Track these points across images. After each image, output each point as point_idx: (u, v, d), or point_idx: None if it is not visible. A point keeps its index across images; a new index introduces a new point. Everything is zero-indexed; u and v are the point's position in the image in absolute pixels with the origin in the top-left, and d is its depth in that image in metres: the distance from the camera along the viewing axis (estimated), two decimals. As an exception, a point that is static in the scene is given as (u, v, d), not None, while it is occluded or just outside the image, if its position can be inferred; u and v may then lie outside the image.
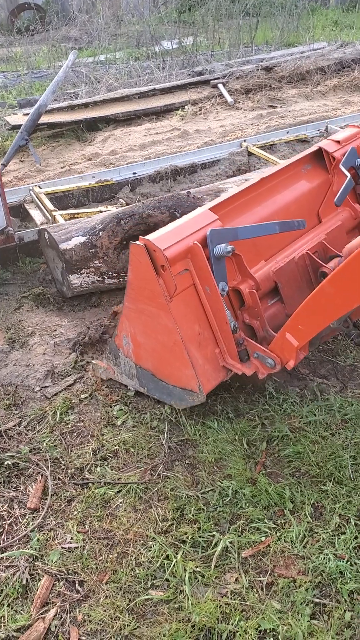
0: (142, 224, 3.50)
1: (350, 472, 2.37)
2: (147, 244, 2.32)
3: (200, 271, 2.39)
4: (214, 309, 2.46)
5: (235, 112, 6.84)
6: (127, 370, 2.78)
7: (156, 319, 2.47)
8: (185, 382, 2.52)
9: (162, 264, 2.32)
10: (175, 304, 2.39)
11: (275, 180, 2.90)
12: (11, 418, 2.73)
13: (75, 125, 6.36)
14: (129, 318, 2.62)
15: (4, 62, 9.97)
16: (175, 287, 2.35)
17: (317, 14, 12.62)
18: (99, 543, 2.16)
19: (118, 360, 2.80)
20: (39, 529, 2.22)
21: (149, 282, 2.39)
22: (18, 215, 4.45)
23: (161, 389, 2.66)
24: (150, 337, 2.57)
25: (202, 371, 2.48)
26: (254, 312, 2.56)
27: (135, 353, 2.69)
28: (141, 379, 2.74)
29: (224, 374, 2.57)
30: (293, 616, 1.90)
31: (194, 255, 2.37)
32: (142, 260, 2.36)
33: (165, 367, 2.59)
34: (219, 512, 2.25)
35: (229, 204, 2.66)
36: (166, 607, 1.95)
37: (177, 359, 2.48)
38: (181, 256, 2.36)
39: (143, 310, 2.51)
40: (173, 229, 2.41)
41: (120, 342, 2.74)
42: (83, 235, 3.42)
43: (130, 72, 8.33)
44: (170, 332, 2.44)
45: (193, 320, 2.46)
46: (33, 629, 1.88)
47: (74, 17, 11.65)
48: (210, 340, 2.52)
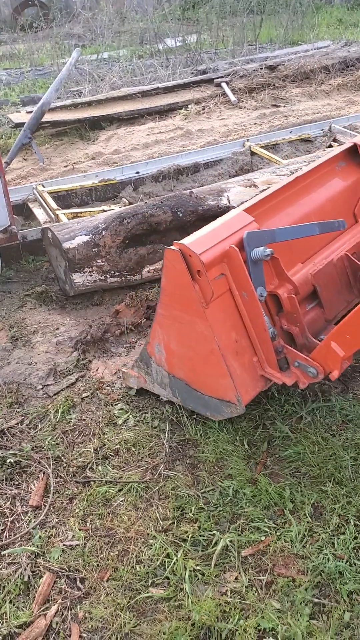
0: (145, 223, 3.51)
1: (350, 473, 2.39)
2: (182, 248, 2.22)
3: (237, 276, 2.29)
4: (252, 316, 2.34)
5: (239, 112, 6.83)
6: (159, 379, 2.68)
7: (191, 326, 2.38)
8: (223, 392, 2.41)
9: (198, 269, 2.22)
10: (212, 310, 2.29)
11: (309, 178, 2.79)
12: (13, 416, 2.75)
13: (79, 123, 6.38)
14: (162, 325, 2.52)
15: (7, 59, 9.97)
16: (212, 293, 2.24)
17: (321, 12, 12.59)
18: (100, 541, 2.18)
19: (150, 369, 2.70)
20: (41, 526, 2.24)
21: (184, 288, 2.29)
22: (21, 214, 4.46)
23: (196, 400, 2.55)
24: (184, 345, 2.47)
25: (240, 381, 2.37)
26: (293, 318, 2.43)
27: (168, 361, 2.59)
28: (174, 388, 2.63)
29: (262, 383, 2.46)
30: (292, 616, 1.92)
31: (230, 260, 2.27)
32: (177, 265, 2.26)
33: (200, 376, 2.49)
34: (219, 511, 2.27)
35: (263, 205, 2.56)
36: (166, 605, 1.96)
37: (214, 368, 2.38)
38: (217, 260, 2.25)
39: (177, 317, 2.41)
40: (208, 232, 2.31)
41: (152, 350, 2.63)
42: (86, 234, 3.43)
43: (133, 70, 8.34)
44: (206, 340, 2.34)
45: (230, 327, 2.35)
46: (34, 625, 1.90)
47: (77, 14, 11.64)
48: (247, 348, 2.41)
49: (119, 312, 3.40)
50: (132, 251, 3.49)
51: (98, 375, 2.98)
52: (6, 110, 6.94)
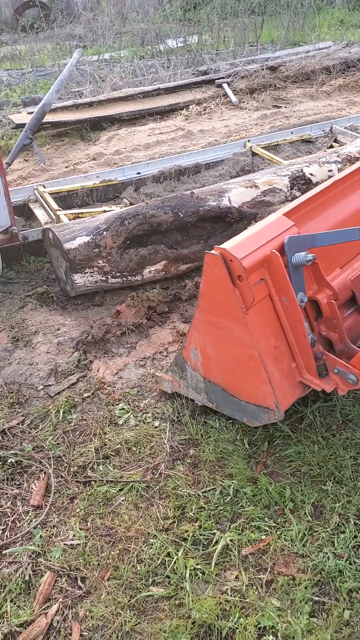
0: (146, 223, 3.52)
1: (351, 472, 2.39)
2: (223, 253, 2.20)
3: (277, 281, 2.26)
4: (292, 321, 2.32)
5: (240, 112, 6.84)
6: (194, 384, 2.67)
7: (230, 331, 2.36)
8: (261, 398, 2.40)
9: (239, 274, 2.20)
10: (251, 316, 2.27)
11: (348, 182, 2.75)
12: (14, 416, 2.76)
13: (80, 124, 6.39)
14: (199, 330, 2.51)
15: (8, 60, 9.99)
16: (253, 298, 2.22)
17: (323, 12, 12.60)
18: (101, 540, 2.19)
19: (185, 374, 2.69)
20: (42, 526, 2.25)
21: (224, 293, 2.27)
22: (22, 215, 4.47)
23: (232, 405, 2.54)
24: (222, 350, 2.45)
25: (279, 387, 2.35)
26: (333, 324, 2.40)
27: (204, 366, 2.58)
28: (210, 393, 2.63)
29: (300, 390, 2.45)
30: (292, 614, 1.93)
31: (270, 265, 2.24)
32: (217, 270, 2.24)
33: (238, 382, 2.47)
34: (219, 510, 2.27)
35: (302, 209, 2.53)
36: (167, 604, 1.97)
37: (253, 374, 2.36)
38: (258, 265, 2.23)
39: (215, 322, 2.40)
40: (248, 236, 2.28)
41: (188, 354, 2.62)
42: (87, 235, 3.44)
43: (134, 71, 8.35)
44: (245, 346, 2.32)
45: (269, 333, 2.33)
46: (35, 624, 1.91)
47: (78, 15, 11.66)
48: (286, 354, 2.39)
49: (120, 313, 3.41)
50: (133, 252, 3.50)
51: (99, 376, 2.99)
52: (7, 111, 6.95)
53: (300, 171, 4.23)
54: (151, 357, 3.12)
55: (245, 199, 3.91)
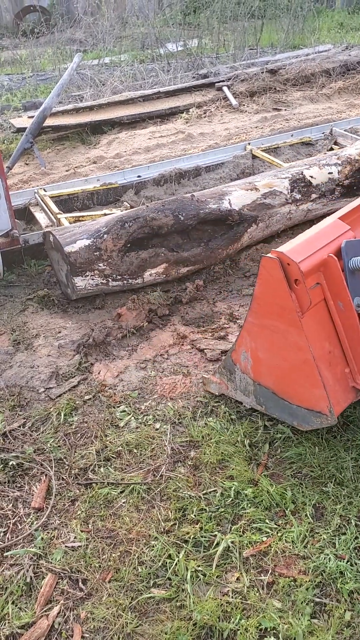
0: (146, 226, 3.53)
1: (352, 474, 2.39)
2: (280, 257, 2.20)
3: (333, 285, 2.27)
4: (347, 326, 2.33)
5: (240, 115, 6.86)
6: (243, 386, 2.68)
7: (284, 335, 2.36)
8: (314, 403, 2.39)
9: (296, 278, 2.20)
10: (307, 320, 2.28)
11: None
12: (16, 419, 2.76)
13: (80, 128, 6.41)
14: (251, 333, 2.52)
15: (9, 65, 10.03)
16: (310, 302, 2.22)
17: (322, 16, 12.65)
18: (102, 542, 2.19)
19: (233, 376, 2.71)
20: (43, 528, 2.25)
21: (280, 296, 2.28)
22: (23, 218, 4.49)
23: (282, 408, 2.55)
24: (274, 353, 2.46)
25: (332, 391, 2.35)
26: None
27: (254, 370, 2.59)
28: (259, 396, 2.64)
29: (353, 395, 2.44)
30: (293, 615, 1.93)
31: (327, 269, 2.25)
32: (274, 274, 2.24)
33: (289, 385, 2.47)
34: (220, 512, 2.28)
35: (356, 212, 2.53)
36: (168, 606, 1.97)
37: (306, 378, 2.37)
38: (314, 269, 2.23)
39: (268, 325, 2.41)
40: (304, 240, 2.29)
41: (237, 357, 2.63)
42: (88, 238, 3.45)
43: (135, 75, 8.38)
44: (300, 350, 2.33)
45: (324, 337, 2.34)
46: (37, 626, 1.92)
47: (79, 20, 11.71)
48: (340, 359, 2.40)
49: (120, 316, 3.41)
50: (133, 255, 3.51)
51: (100, 378, 3.00)
52: (8, 115, 6.98)
53: (300, 174, 4.24)
54: (152, 360, 3.12)
55: (246, 202, 3.92)
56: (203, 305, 3.56)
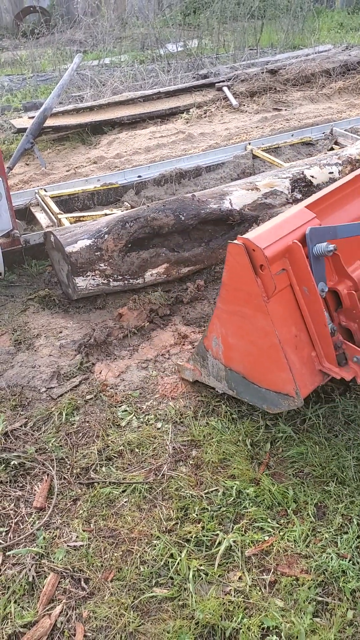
0: (147, 227, 3.53)
1: (353, 473, 2.39)
2: (246, 243, 2.26)
3: (298, 271, 2.33)
4: (312, 311, 2.39)
5: (240, 115, 6.87)
6: (215, 372, 2.73)
7: (251, 320, 2.42)
8: (281, 386, 2.45)
9: (261, 264, 2.26)
10: (273, 305, 2.33)
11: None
12: (17, 418, 2.77)
13: (81, 128, 6.42)
14: (221, 319, 2.57)
15: (9, 65, 10.04)
16: (275, 287, 2.28)
17: (322, 16, 12.65)
18: (104, 541, 2.19)
19: (206, 362, 2.75)
20: (45, 527, 2.25)
21: (246, 282, 2.34)
22: (24, 218, 4.49)
23: (253, 393, 2.60)
24: (243, 339, 2.51)
25: (299, 375, 2.41)
26: (352, 315, 2.47)
27: (225, 355, 2.64)
28: (230, 381, 2.68)
29: (320, 378, 2.51)
30: (296, 614, 1.93)
31: (292, 255, 2.31)
32: (239, 260, 2.31)
33: (258, 370, 2.53)
34: (222, 511, 2.28)
35: (323, 202, 2.59)
36: (170, 605, 1.97)
37: (273, 362, 2.42)
38: (280, 255, 2.29)
39: (237, 311, 2.46)
40: (270, 227, 2.34)
41: (209, 343, 2.69)
42: (88, 238, 3.46)
43: (135, 75, 8.39)
44: (266, 334, 2.38)
45: (290, 322, 2.40)
46: (39, 625, 1.92)
47: (79, 20, 11.72)
48: (306, 343, 2.45)
49: (122, 316, 3.41)
50: (134, 255, 3.51)
51: (101, 378, 3.00)
52: (8, 115, 6.99)
53: (301, 173, 4.24)
54: (153, 360, 3.12)
55: (247, 202, 3.92)
56: (204, 305, 3.56)
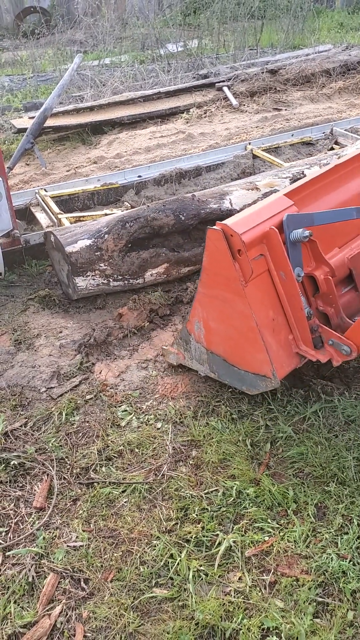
0: (147, 227, 3.53)
1: (354, 473, 2.39)
2: (224, 228, 2.34)
3: (275, 256, 2.40)
4: (289, 295, 2.47)
5: (240, 115, 6.86)
6: (197, 355, 2.81)
7: (230, 304, 2.49)
8: (259, 367, 2.53)
9: (238, 249, 2.33)
10: (250, 289, 2.40)
11: (349, 167, 2.88)
12: (17, 418, 2.76)
13: (81, 128, 6.41)
14: (202, 304, 2.64)
15: (9, 66, 10.04)
16: (252, 271, 2.35)
17: (322, 16, 12.65)
18: (104, 542, 2.19)
19: (189, 346, 2.83)
20: (45, 527, 2.25)
21: (225, 267, 2.40)
22: (24, 218, 4.48)
23: (232, 375, 2.67)
24: (223, 322, 2.58)
25: (276, 357, 2.49)
26: (329, 299, 2.55)
27: (207, 338, 2.71)
28: (212, 364, 2.76)
29: (297, 360, 2.59)
30: (296, 615, 1.92)
31: (269, 240, 2.38)
32: (218, 245, 2.38)
33: (237, 352, 2.60)
34: (222, 511, 2.27)
35: (303, 190, 2.65)
36: (170, 605, 1.97)
37: (251, 345, 2.50)
38: (257, 241, 2.36)
39: (217, 295, 2.54)
40: (249, 214, 2.42)
41: (192, 327, 2.76)
42: (89, 238, 3.45)
43: (135, 75, 8.38)
44: (244, 318, 2.46)
45: (267, 306, 2.47)
46: (39, 625, 1.91)
47: (79, 21, 11.71)
48: (284, 326, 2.53)
49: (122, 316, 3.41)
50: (134, 255, 3.51)
51: (101, 378, 3.00)
52: (9, 116, 6.99)
53: (301, 173, 4.24)
54: (153, 360, 3.12)
55: (247, 202, 3.91)
56: (204, 305, 3.56)
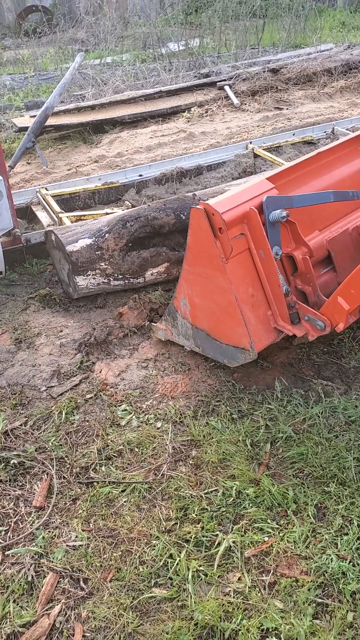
0: (148, 226, 3.52)
1: (354, 474, 2.38)
2: (206, 207, 2.47)
3: (255, 236, 2.53)
4: (268, 272, 2.59)
5: (242, 114, 6.85)
6: (184, 331, 2.95)
7: (212, 280, 2.62)
8: (238, 340, 2.66)
9: (219, 227, 2.47)
10: (231, 266, 2.53)
11: (332, 155, 3.02)
12: (17, 417, 2.76)
13: (82, 127, 6.41)
14: (187, 280, 2.78)
15: (11, 64, 10.03)
16: (232, 249, 2.48)
17: (324, 15, 12.62)
18: (103, 541, 2.18)
19: (176, 322, 2.97)
20: (44, 527, 2.25)
21: (207, 244, 2.54)
22: (25, 217, 4.48)
23: (215, 348, 2.81)
24: (206, 298, 2.71)
25: (254, 330, 2.62)
26: (307, 278, 2.67)
27: (192, 314, 2.85)
28: (197, 339, 2.90)
29: (275, 335, 2.71)
30: (295, 615, 1.92)
31: (249, 220, 2.51)
32: (201, 223, 2.52)
33: (219, 326, 2.74)
34: (222, 512, 2.27)
35: (285, 176, 2.79)
36: (169, 605, 1.97)
37: (231, 319, 2.63)
38: (238, 220, 2.49)
39: (200, 272, 2.67)
40: (231, 195, 2.55)
41: (178, 304, 2.91)
42: (89, 237, 3.45)
43: (136, 74, 8.37)
44: (225, 293, 2.59)
45: (247, 282, 2.60)
46: (38, 624, 1.91)
47: (80, 19, 11.70)
48: (262, 302, 2.66)
49: (122, 315, 3.41)
50: (135, 254, 3.50)
51: (101, 377, 2.99)
52: (10, 114, 6.98)
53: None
54: (153, 359, 3.11)
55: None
56: (205, 305, 3.55)
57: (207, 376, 2.96)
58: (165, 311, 3.11)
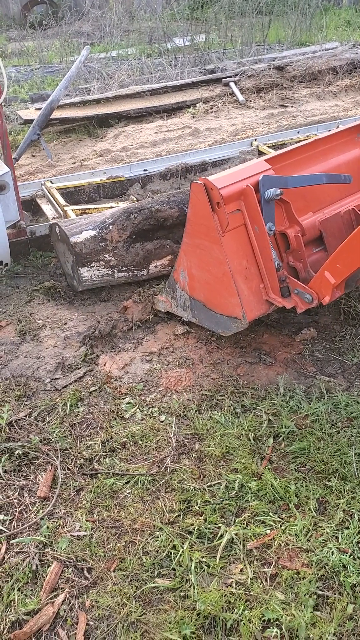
0: (152, 218, 3.54)
1: (355, 469, 2.41)
2: (206, 182, 2.62)
3: (250, 212, 2.67)
4: (261, 247, 2.73)
5: (247, 111, 6.86)
6: (182, 302, 3.10)
7: (209, 252, 2.77)
8: (231, 310, 2.81)
9: (217, 201, 2.62)
10: (227, 239, 2.68)
11: (329, 143, 3.16)
12: (22, 409, 2.78)
13: (87, 121, 6.41)
14: (187, 253, 2.93)
15: (16, 57, 10.01)
16: (228, 222, 2.63)
17: (330, 13, 12.60)
18: (107, 532, 2.20)
19: (175, 294, 3.13)
20: (49, 517, 2.27)
21: (205, 217, 2.69)
22: (30, 210, 4.49)
23: (210, 318, 2.96)
24: (203, 269, 2.86)
25: (246, 301, 2.77)
26: (298, 255, 2.84)
27: (190, 286, 3.01)
28: (194, 309, 3.05)
29: (266, 307, 2.86)
30: (296, 607, 1.94)
31: (246, 197, 2.65)
32: (200, 197, 2.67)
33: (215, 297, 2.88)
34: (224, 504, 2.29)
35: (283, 160, 2.94)
36: (172, 595, 1.99)
37: (226, 289, 2.77)
38: (235, 197, 2.64)
39: (198, 244, 2.82)
40: (230, 173, 2.70)
41: (177, 276, 3.06)
42: (93, 228, 3.46)
43: (142, 69, 8.37)
44: (220, 264, 2.74)
45: (242, 255, 2.74)
46: (42, 613, 1.93)
47: (86, 12, 11.68)
48: (255, 275, 2.80)
49: (126, 309, 3.42)
50: (139, 246, 3.52)
51: (106, 370, 3.01)
52: (15, 107, 6.97)
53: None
54: (157, 353, 3.13)
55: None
56: (208, 300, 3.57)
57: (210, 371, 2.98)
58: (165, 283, 3.26)
